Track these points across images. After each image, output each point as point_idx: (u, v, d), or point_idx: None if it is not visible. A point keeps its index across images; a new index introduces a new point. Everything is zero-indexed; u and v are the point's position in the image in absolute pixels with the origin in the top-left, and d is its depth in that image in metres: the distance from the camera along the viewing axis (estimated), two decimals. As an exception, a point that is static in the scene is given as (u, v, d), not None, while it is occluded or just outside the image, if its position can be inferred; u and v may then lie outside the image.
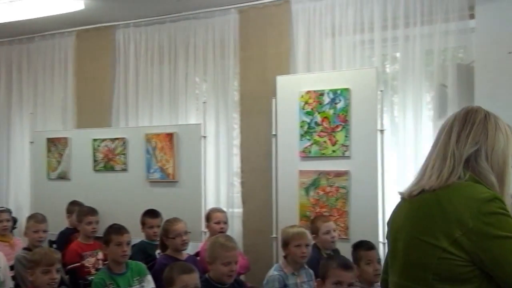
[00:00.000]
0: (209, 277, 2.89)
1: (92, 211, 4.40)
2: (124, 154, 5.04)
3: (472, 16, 3.96)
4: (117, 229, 3.46)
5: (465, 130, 1.61)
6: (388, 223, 1.76)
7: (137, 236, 4.29)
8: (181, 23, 5.20)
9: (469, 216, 1.45)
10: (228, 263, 2.86)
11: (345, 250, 3.59)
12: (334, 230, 3.76)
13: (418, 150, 4.17)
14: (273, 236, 4.42)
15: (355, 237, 3.63)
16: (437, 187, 1.55)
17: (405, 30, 4.26)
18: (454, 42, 4.12)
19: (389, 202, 4.17)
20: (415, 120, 4.20)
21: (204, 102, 4.99)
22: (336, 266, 2.65)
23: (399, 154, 4.26)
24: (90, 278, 3.70)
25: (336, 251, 3.78)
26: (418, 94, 4.21)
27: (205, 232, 4.58)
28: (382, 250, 4.00)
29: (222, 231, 4.19)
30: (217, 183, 5.05)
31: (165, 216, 4.21)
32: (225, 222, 4.30)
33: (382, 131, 4.12)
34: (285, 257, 3.37)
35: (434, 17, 4.13)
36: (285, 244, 3.32)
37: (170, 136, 4.87)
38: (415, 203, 1.59)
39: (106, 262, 3.61)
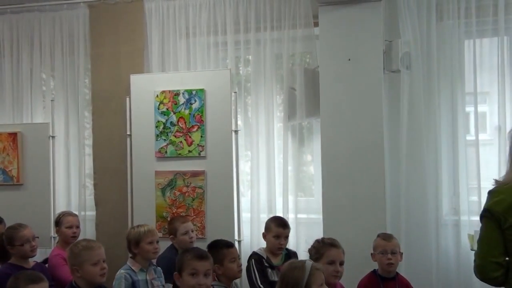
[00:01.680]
0: (75, 284, 2.78)
1: None
2: (-42, 155, 4.62)
3: (316, 24, 4.23)
4: None
5: None
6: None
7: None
8: (24, 15, 4.85)
9: None
10: (98, 262, 2.80)
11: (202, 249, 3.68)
12: (193, 231, 3.81)
13: (270, 150, 4.39)
14: (129, 238, 4.34)
15: (212, 236, 3.71)
16: None
17: (256, 34, 4.43)
18: (301, 47, 4.38)
19: (244, 201, 4.35)
20: (267, 121, 4.40)
21: (52, 100, 4.73)
22: (191, 257, 2.70)
23: (253, 154, 4.43)
24: None
25: (193, 251, 3.84)
26: (269, 96, 4.41)
27: (54, 237, 4.37)
28: (238, 248, 4.16)
29: (75, 236, 4.03)
30: (67, 185, 4.82)
31: (9, 222, 3.93)
32: (77, 226, 4.12)
33: (236, 131, 4.26)
34: (132, 257, 3.36)
35: (283, 23, 4.35)
36: (136, 243, 3.31)
37: (13, 135, 4.59)
38: None
39: None
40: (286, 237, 3.67)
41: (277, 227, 3.66)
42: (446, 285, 3.98)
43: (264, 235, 3.72)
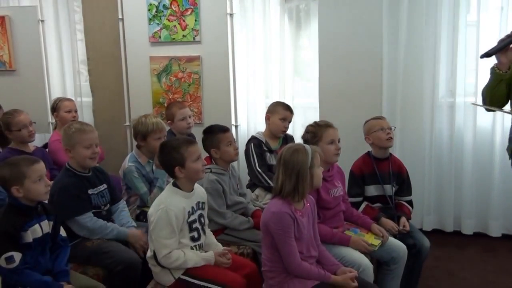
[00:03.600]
0: (70, 166, 2.84)
1: None
2: None
3: None
4: None
5: None
6: None
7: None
8: None
9: None
10: (90, 146, 2.82)
11: (200, 134, 3.72)
12: (190, 117, 3.80)
13: (266, 33, 4.29)
14: (126, 124, 4.38)
15: (209, 122, 3.74)
16: None
17: None
18: None
19: (240, 85, 4.32)
20: (263, 3, 4.25)
21: (38, -19, 4.52)
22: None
23: (249, 38, 4.33)
24: None
25: (191, 136, 3.89)
26: (266, -24, 4.23)
27: (52, 123, 4.39)
28: (235, 133, 4.22)
29: (75, 120, 4.01)
30: (61, 71, 4.76)
31: (5, 108, 3.92)
32: (76, 111, 4.11)
33: (231, 15, 4.13)
34: (138, 147, 3.36)
35: None
36: (143, 137, 3.29)
37: (1, 19, 4.45)
38: None
39: None
40: (290, 121, 3.71)
41: (285, 110, 3.66)
42: (439, 165, 4.10)
43: (268, 117, 3.69)
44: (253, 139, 3.68)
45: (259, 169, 3.57)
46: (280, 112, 3.65)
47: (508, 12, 3.78)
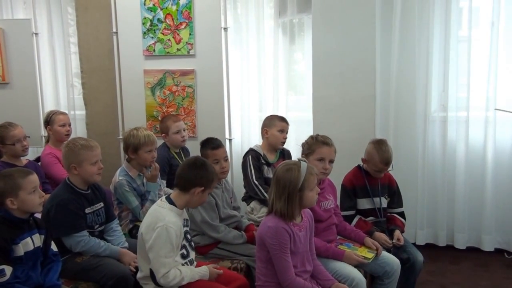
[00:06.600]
0: (70, 182, 2.81)
1: None
2: None
3: None
4: None
5: None
6: None
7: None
8: None
9: None
10: (96, 162, 2.81)
11: (194, 148, 3.72)
12: (184, 130, 3.82)
13: (260, 48, 4.31)
14: (119, 137, 4.37)
15: (203, 135, 3.71)
16: None
17: None
18: None
19: (234, 99, 4.34)
20: (257, 18, 4.28)
21: (32, -6, 4.53)
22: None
23: (243, 52, 4.36)
24: None
25: (185, 149, 3.89)
26: (259, -8, 4.26)
27: (45, 136, 4.36)
28: (229, 147, 4.21)
29: (68, 134, 3.99)
30: (55, 84, 4.76)
31: (-2, 121, 3.90)
32: (69, 125, 4.08)
33: (226, 29, 4.15)
34: (128, 160, 3.32)
35: None
36: (135, 149, 3.26)
37: (-5, 32, 4.44)
38: None
39: None
40: (287, 132, 3.74)
41: (281, 121, 3.72)
42: (431, 179, 4.12)
43: (266, 131, 3.71)
44: (251, 151, 3.69)
45: (256, 181, 3.58)
46: (277, 124, 3.69)
47: (498, 28, 3.83)
